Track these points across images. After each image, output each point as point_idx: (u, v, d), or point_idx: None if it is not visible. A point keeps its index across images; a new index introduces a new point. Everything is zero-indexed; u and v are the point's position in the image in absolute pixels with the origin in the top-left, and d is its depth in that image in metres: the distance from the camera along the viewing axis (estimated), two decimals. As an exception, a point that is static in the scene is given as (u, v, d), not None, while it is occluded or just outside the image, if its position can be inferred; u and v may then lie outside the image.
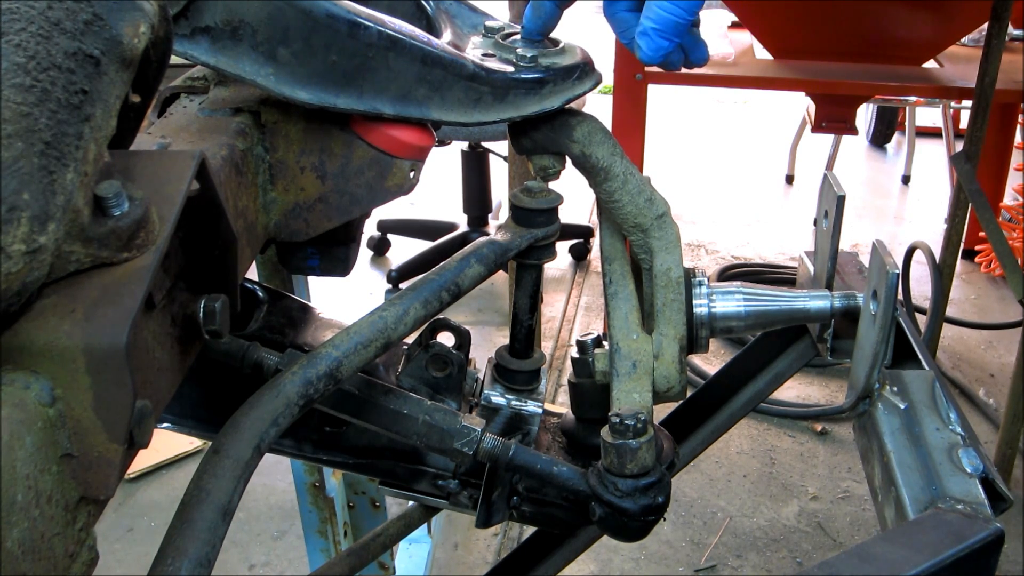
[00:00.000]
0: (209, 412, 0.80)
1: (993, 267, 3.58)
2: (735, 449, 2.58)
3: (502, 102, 0.71)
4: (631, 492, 0.70)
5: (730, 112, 5.73)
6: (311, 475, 1.58)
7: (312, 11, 0.63)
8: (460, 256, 0.74)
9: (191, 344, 0.58)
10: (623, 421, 0.69)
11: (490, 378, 0.84)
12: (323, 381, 0.63)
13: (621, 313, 0.76)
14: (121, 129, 0.51)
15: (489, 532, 2.25)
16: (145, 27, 0.49)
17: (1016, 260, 2.03)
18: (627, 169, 0.75)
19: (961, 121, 4.48)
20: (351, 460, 0.85)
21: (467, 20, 0.82)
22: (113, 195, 0.47)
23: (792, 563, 2.17)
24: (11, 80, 0.41)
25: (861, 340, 0.76)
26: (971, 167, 2.15)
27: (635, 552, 2.19)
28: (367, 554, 0.98)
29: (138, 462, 2.40)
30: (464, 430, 0.73)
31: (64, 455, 0.44)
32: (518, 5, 2.23)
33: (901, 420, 0.71)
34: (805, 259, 0.92)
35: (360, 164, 0.72)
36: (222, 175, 0.62)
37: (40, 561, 0.42)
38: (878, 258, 0.72)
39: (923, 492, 0.64)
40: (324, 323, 0.84)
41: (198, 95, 0.75)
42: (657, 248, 0.76)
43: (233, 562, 2.16)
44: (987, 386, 2.84)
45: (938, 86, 2.55)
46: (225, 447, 0.56)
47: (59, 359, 0.43)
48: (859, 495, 2.39)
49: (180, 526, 0.50)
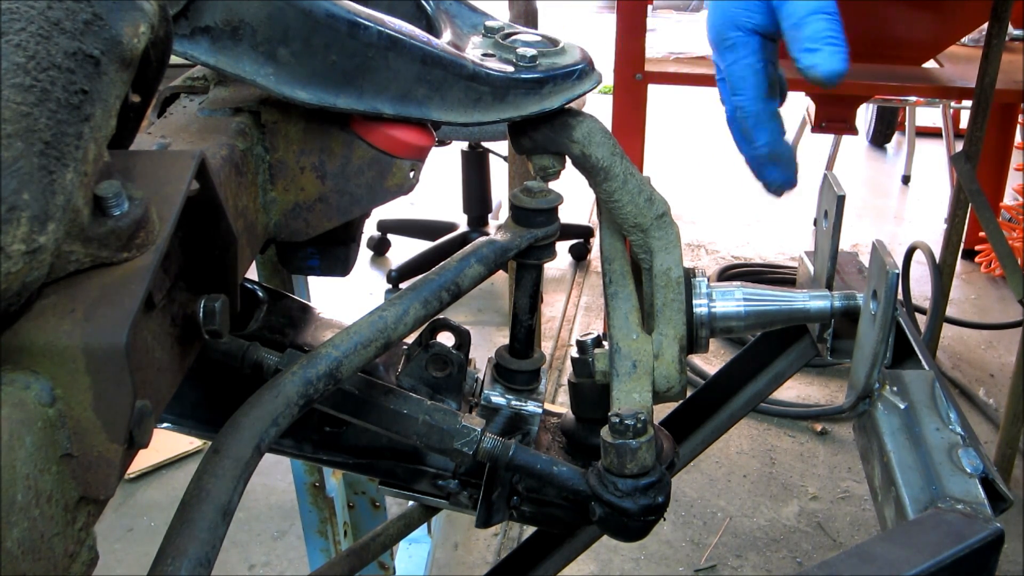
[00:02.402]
0: (209, 412, 0.80)
1: (993, 267, 3.58)
2: (735, 449, 2.58)
3: (502, 102, 0.71)
4: (631, 492, 0.70)
5: (730, 112, 5.72)
6: (311, 475, 1.58)
7: (312, 11, 0.63)
8: (460, 256, 0.74)
9: (191, 344, 0.58)
10: (623, 421, 0.69)
11: (490, 378, 0.84)
12: (323, 381, 0.63)
13: (621, 313, 0.76)
14: (121, 129, 0.51)
15: (489, 532, 2.25)
16: (145, 27, 0.49)
17: (1016, 260, 2.03)
18: (627, 169, 0.75)
19: (961, 121, 4.48)
20: (351, 460, 0.85)
21: (467, 20, 0.82)
22: (113, 195, 0.47)
23: (792, 563, 2.17)
24: (11, 80, 0.41)
25: (861, 340, 0.76)
26: (971, 167, 2.15)
27: (635, 552, 2.19)
28: (367, 554, 0.98)
29: (138, 462, 2.40)
30: (464, 430, 0.73)
31: (64, 455, 0.44)
32: (518, 5, 2.23)
33: (901, 420, 0.71)
34: (805, 259, 0.92)
35: (360, 164, 0.72)
36: (222, 175, 0.62)
37: (40, 561, 0.42)
38: (878, 258, 0.72)
39: (923, 492, 0.64)
40: (324, 323, 0.84)
41: (198, 95, 0.75)
42: (657, 248, 0.76)
43: (233, 562, 2.16)
44: (987, 386, 2.84)
45: (938, 86, 2.54)
46: (225, 447, 0.56)
47: (59, 359, 0.43)
48: (859, 495, 2.39)
49: (180, 526, 0.50)
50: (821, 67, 0.66)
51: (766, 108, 0.71)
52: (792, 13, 0.67)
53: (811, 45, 0.66)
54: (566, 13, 7.26)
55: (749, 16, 0.71)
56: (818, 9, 0.66)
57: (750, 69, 0.72)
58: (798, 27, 0.67)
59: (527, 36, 0.76)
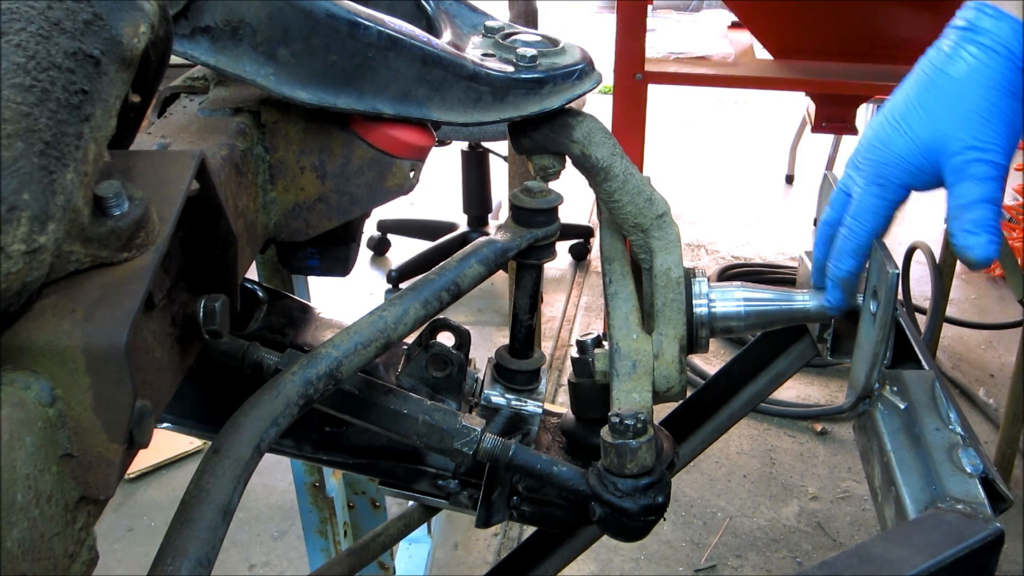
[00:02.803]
0: (209, 412, 0.80)
1: (993, 267, 3.58)
2: (735, 449, 2.58)
3: (502, 102, 0.71)
4: (631, 492, 0.70)
5: (730, 112, 5.73)
6: (311, 475, 1.58)
7: (312, 11, 0.63)
8: (460, 256, 0.74)
9: (191, 344, 0.58)
10: (623, 421, 0.69)
11: (490, 378, 0.84)
12: (323, 381, 0.63)
13: (621, 313, 0.76)
14: (121, 129, 0.51)
15: (489, 532, 2.25)
16: (145, 27, 0.49)
17: (1016, 260, 2.03)
18: (627, 169, 0.75)
19: (961, 121, 4.48)
20: (351, 460, 0.85)
21: (467, 20, 0.82)
22: (113, 195, 0.47)
23: (792, 563, 2.17)
24: (11, 80, 0.41)
25: (861, 340, 0.76)
26: (971, 167, 2.15)
27: (635, 552, 2.19)
28: (367, 554, 0.98)
29: (138, 462, 2.40)
30: (464, 430, 0.73)
31: (64, 455, 0.44)
32: (518, 5, 2.23)
33: (901, 420, 0.71)
34: (805, 259, 0.92)
35: (360, 164, 0.72)
36: (222, 175, 0.62)
37: (40, 561, 0.42)
38: (878, 258, 0.72)
39: (923, 492, 0.64)
40: (324, 323, 0.84)
41: (198, 95, 0.75)
42: (657, 248, 0.76)
43: (233, 562, 2.16)
44: (987, 386, 2.84)
45: (938, 86, 2.54)
46: (225, 447, 0.56)
47: (59, 359, 0.43)
48: (859, 495, 2.39)
49: (180, 526, 0.50)
50: (977, 252, 0.69)
51: (868, 244, 0.75)
52: (963, 194, 0.69)
53: (972, 229, 0.69)
54: (566, 13, 7.25)
55: (915, 176, 0.73)
56: (987, 198, 0.69)
57: (885, 211, 0.75)
58: (965, 209, 0.69)
59: (527, 36, 0.76)
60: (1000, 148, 0.69)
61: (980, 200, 0.68)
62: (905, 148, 0.72)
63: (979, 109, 0.69)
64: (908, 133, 0.72)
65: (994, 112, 0.69)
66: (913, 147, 0.72)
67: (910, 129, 0.72)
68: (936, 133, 0.71)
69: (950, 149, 0.70)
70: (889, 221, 0.77)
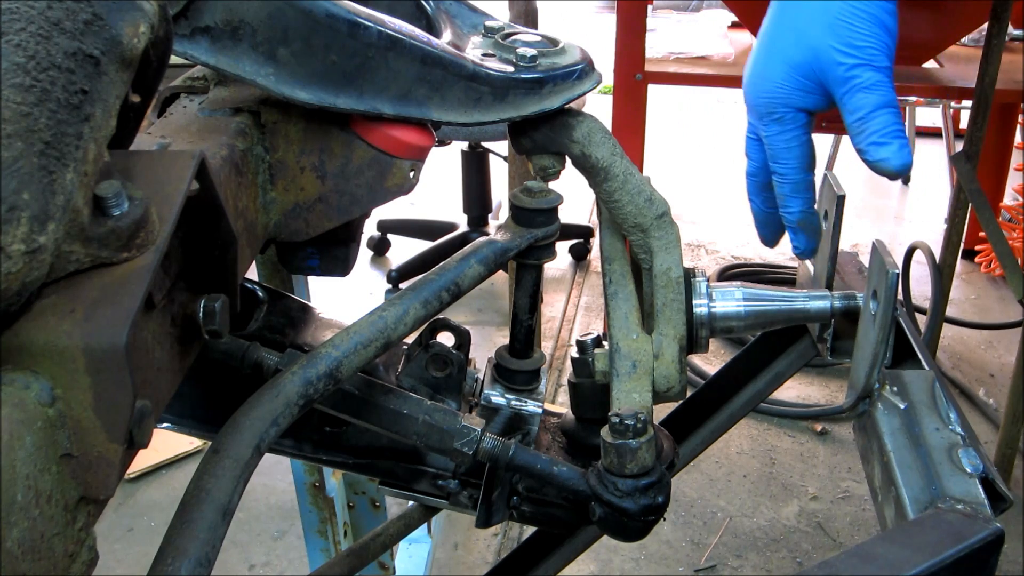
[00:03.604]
0: (209, 412, 0.80)
1: (993, 267, 3.58)
2: (735, 449, 2.58)
3: (502, 102, 0.71)
4: (631, 492, 0.70)
5: (730, 112, 5.73)
6: (311, 475, 1.59)
7: (312, 11, 0.63)
8: (460, 256, 0.74)
9: (191, 344, 0.58)
10: (623, 421, 0.69)
11: (490, 378, 0.84)
12: (323, 381, 0.63)
13: (621, 313, 0.76)
14: (121, 129, 0.51)
15: (489, 532, 2.25)
16: (145, 27, 0.49)
17: (1016, 260, 2.03)
18: (627, 169, 0.75)
19: (961, 121, 4.48)
20: (351, 460, 0.85)
21: (467, 20, 0.82)
22: (113, 195, 0.47)
23: (792, 563, 2.17)
24: (11, 80, 0.41)
25: (861, 340, 0.76)
26: (971, 167, 2.15)
27: (635, 552, 2.19)
28: (367, 554, 0.98)
29: (138, 462, 2.40)
30: (464, 430, 0.73)
31: (64, 455, 0.44)
32: (518, 5, 2.23)
33: (901, 420, 0.71)
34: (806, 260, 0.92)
35: (360, 164, 0.72)
36: (222, 175, 0.62)
37: (40, 561, 0.42)
38: (878, 258, 0.72)
39: (923, 492, 0.64)
40: (324, 323, 0.84)
41: (198, 95, 0.75)
42: (657, 248, 0.76)
43: (233, 562, 2.16)
44: (987, 386, 2.84)
45: (938, 86, 2.54)
46: (225, 447, 0.56)
47: (59, 359, 0.43)
48: (859, 495, 2.39)
49: (180, 526, 0.50)
50: (893, 162, 0.67)
51: (804, 179, 0.72)
52: (859, 107, 0.67)
53: (879, 139, 0.66)
54: (566, 13, 7.25)
55: (803, 97, 0.71)
56: (884, 104, 0.66)
57: (796, 142, 0.73)
58: (864, 121, 0.67)
59: (527, 36, 0.76)
60: (878, 50, 0.65)
61: (877, 108, 0.65)
62: (783, 75, 0.69)
63: (846, 15, 0.65)
64: (781, 58, 0.68)
65: (862, 15, 0.65)
66: (790, 71, 0.68)
67: (782, 53, 0.68)
68: (809, 50, 0.67)
69: (828, 61, 0.66)
70: (808, 147, 0.73)
